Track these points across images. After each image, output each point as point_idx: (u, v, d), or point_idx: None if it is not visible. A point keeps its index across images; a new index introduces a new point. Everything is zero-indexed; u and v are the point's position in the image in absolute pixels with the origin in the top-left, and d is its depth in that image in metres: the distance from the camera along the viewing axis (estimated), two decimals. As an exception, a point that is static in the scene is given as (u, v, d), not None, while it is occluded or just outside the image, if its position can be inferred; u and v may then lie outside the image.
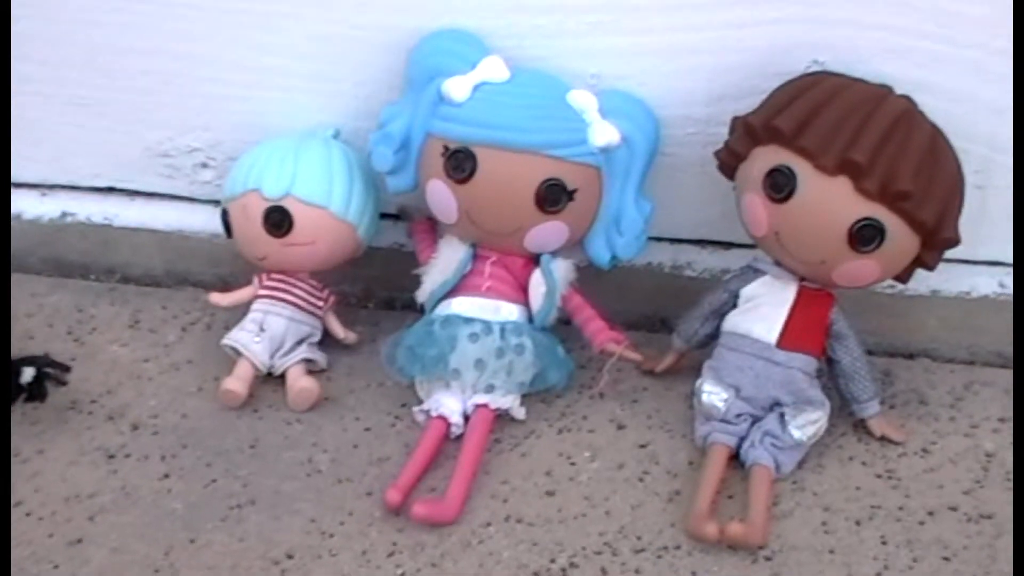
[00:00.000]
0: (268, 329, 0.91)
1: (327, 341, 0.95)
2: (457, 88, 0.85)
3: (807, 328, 0.84)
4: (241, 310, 0.95)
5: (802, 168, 0.78)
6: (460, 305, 0.88)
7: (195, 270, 1.04)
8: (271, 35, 0.95)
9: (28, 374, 0.85)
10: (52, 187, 1.04)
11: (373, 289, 1.02)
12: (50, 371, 0.86)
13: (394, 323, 0.98)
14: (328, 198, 0.90)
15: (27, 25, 0.96)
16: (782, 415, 0.83)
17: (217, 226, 1.00)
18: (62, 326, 0.98)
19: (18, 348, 0.93)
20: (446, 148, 0.85)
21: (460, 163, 0.85)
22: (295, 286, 0.93)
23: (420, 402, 0.89)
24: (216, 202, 1.02)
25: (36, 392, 0.86)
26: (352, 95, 0.96)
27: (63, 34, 0.97)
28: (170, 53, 0.97)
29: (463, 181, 0.85)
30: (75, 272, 1.05)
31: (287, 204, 0.89)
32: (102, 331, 0.98)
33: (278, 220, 0.90)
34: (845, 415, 0.87)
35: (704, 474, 0.81)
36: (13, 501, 0.81)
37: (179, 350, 0.96)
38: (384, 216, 0.97)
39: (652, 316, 0.98)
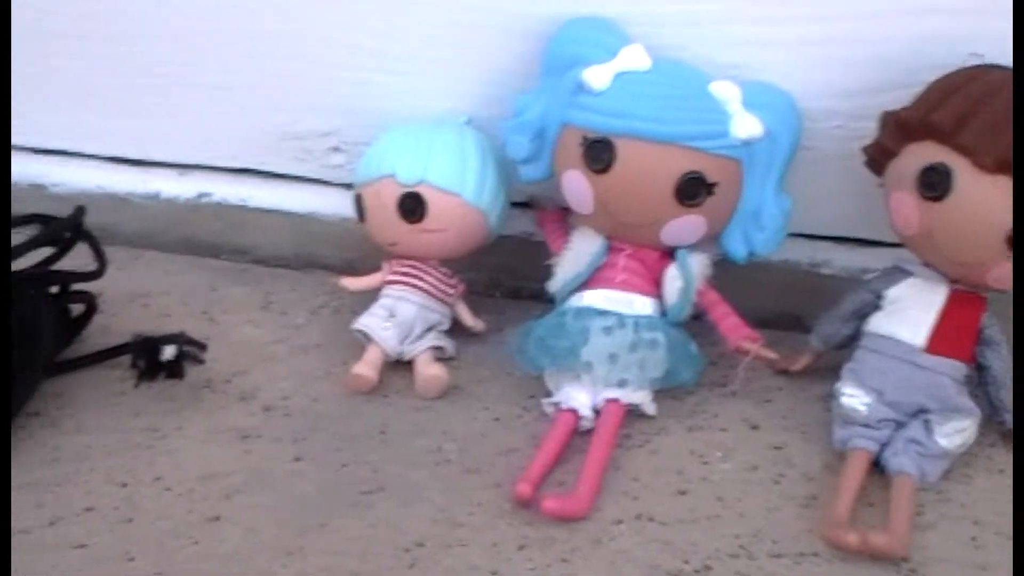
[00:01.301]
0: (398, 315, 0.91)
1: (453, 329, 0.95)
2: (597, 77, 0.84)
3: (957, 332, 0.81)
4: (369, 295, 0.95)
5: (959, 166, 0.75)
6: (593, 297, 0.87)
7: (323, 253, 1.04)
8: (401, 20, 0.95)
9: (169, 352, 0.87)
10: (189, 167, 1.06)
11: (499, 277, 1.02)
12: (188, 349, 0.88)
13: (520, 313, 0.97)
14: (462, 185, 0.90)
15: (170, 12, 0.98)
16: (927, 422, 0.80)
17: (346, 210, 1.01)
18: (196, 305, 1.00)
19: (154, 326, 0.95)
20: (584, 138, 0.84)
21: (598, 153, 0.84)
22: (426, 273, 0.93)
23: (548, 394, 0.88)
24: (346, 186, 1.02)
25: (175, 370, 0.88)
26: (481, 82, 0.96)
27: (204, 20, 0.98)
28: (303, 38, 0.97)
29: (601, 172, 0.84)
30: (207, 252, 1.06)
31: (421, 190, 0.89)
32: (234, 311, 0.99)
33: (412, 206, 0.90)
34: (994, 424, 0.83)
35: (843, 480, 0.78)
36: (153, 475, 0.83)
37: (308, 333, 0.97)
38: (512, 204, 0.96)
39: (786, 314, 0.95)
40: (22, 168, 1.06)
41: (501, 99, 0.94)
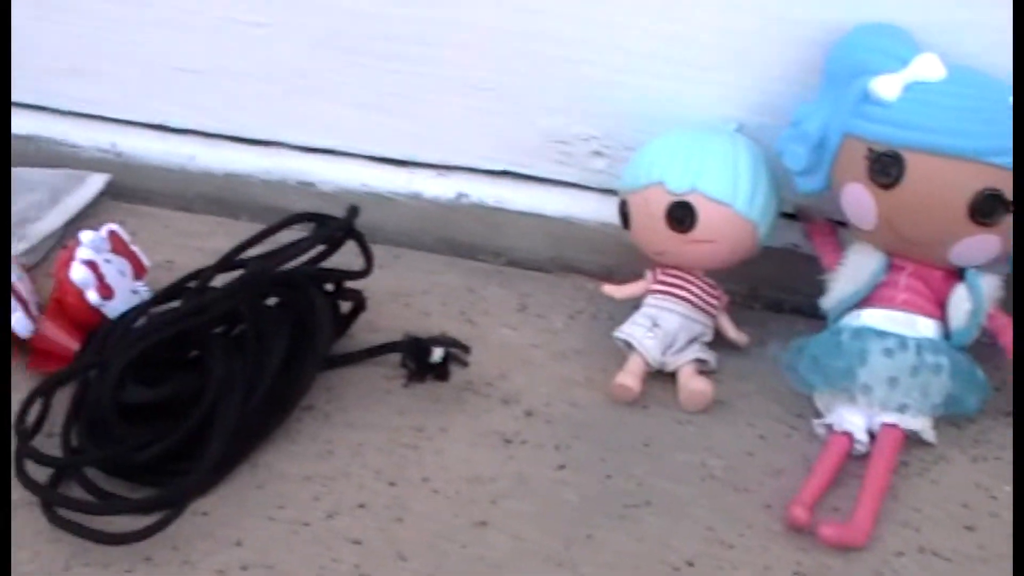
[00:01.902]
0: (661, 325, 0.90)
1: (714, 341, 0.93)
2: (887, 87, 0.80)
3: None
4: (627, 303, 0.94)
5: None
6: (872, 317, 0.84)
7: (580, 258, 1.04)
8: (672, 24, 0.93)
9: (438, 354, 0.88)
10: (450, 168, 1.07)
11: (760, 289, 0.99)
12: (454, 352, 0.89)
13: (783, 326, 0.95)
14: (734, 195, 0.88)
15: (437, 12, 0.99)
16: None
17: (604, 215, 1.00)
18: (455, 306, 1.01)
19: (416, 325, 0.97)
20: (871, 151, 0.81)
21: (886, 167, 0.80)
22: (691, 283, 0.91)
23: (818, 413, 0.85)
24: (606, 191, 1.02)
25: (441, 372, 0.89)
26: (754, 89, 0.93)
27: (472, 22, 0.99)
28: (570, 40, 0.97)
29: (888, 187, 0.80)
30: (465, 252, 1.07)
31: (692, 199, 0.88)
32: (492, 313, 1.00)
33: (681, 216, 0.88)
34: None
35: None
36: (421, 475, 0.84)
37: (566, 338, 0.97)
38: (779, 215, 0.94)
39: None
40: (291, 165, 1.10)
41: (773, 107, 0.91)
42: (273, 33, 1.05)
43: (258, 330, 0.88)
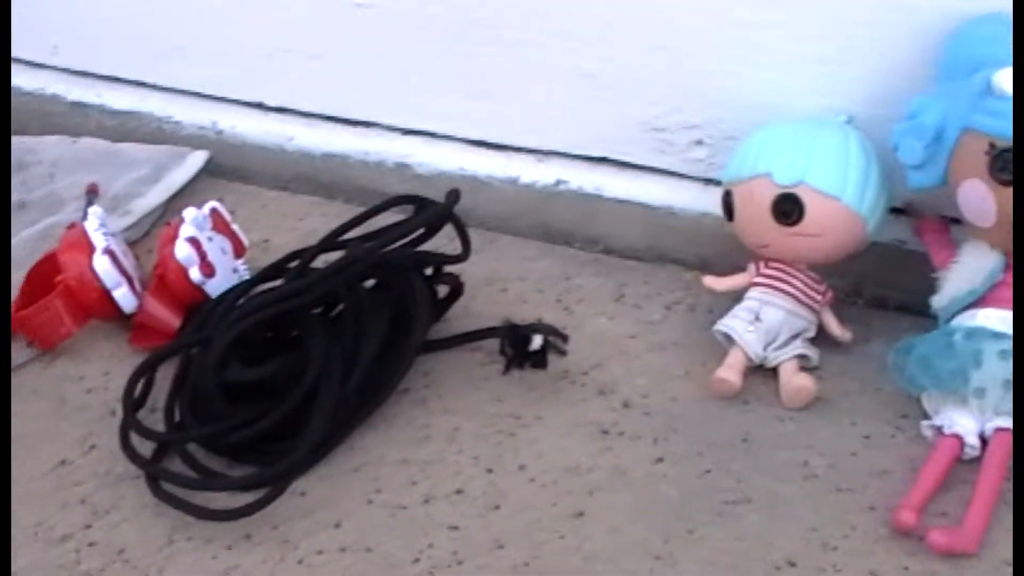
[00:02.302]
0: (764, 320, 0.88)
1: (816, 337, 0.91)
2: (1011, 80, 0.77)
3: None
4: (728, 296, 0.93)
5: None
6: (987, 318, 0.81)
7: (677, 248, 1.03)
8: (776, 12, 0.91)
9: (537, 341, 0.88)
10: (548, 154, 1.06)
11: (863, 285, 0.97)
12: (553, 340, 0.89)
13: (887, 324, 0.92)
14: (843, 189, 0.86)
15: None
16: None
17: (703, 205, 0.99)
18: (551, 293, 1.01)
19: (512, 312, 0.97)
20: (991, 146, 0.78)
21: (1007, 164, 0.77)
22: (794, 277, 0.89)
23: (925, 414, 0.83)
24: (706, 180, 1.00)
25: (539, 360, 0.89)
26: (865, 80, 0.91)
27: (575, 7, 0.98)
28: (675, 27, 0.95)
29: (1009, 183, 0.77)
30: (561, 239, 1.07)
31: (799, 192, 0.86)
32: (588, 302, 0.99)
33: (788, 208, 0.86)
34: None
35: None
36: (517, 463, 0.84)
37: (664, 329, 0.96)
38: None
39: None
40: (388, 147, 1.10)
41: (886, 99, 0.89)
42: (375, 15, 1.05)
43: (357, 312, 0.88)
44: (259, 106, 1.14)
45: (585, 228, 1.06)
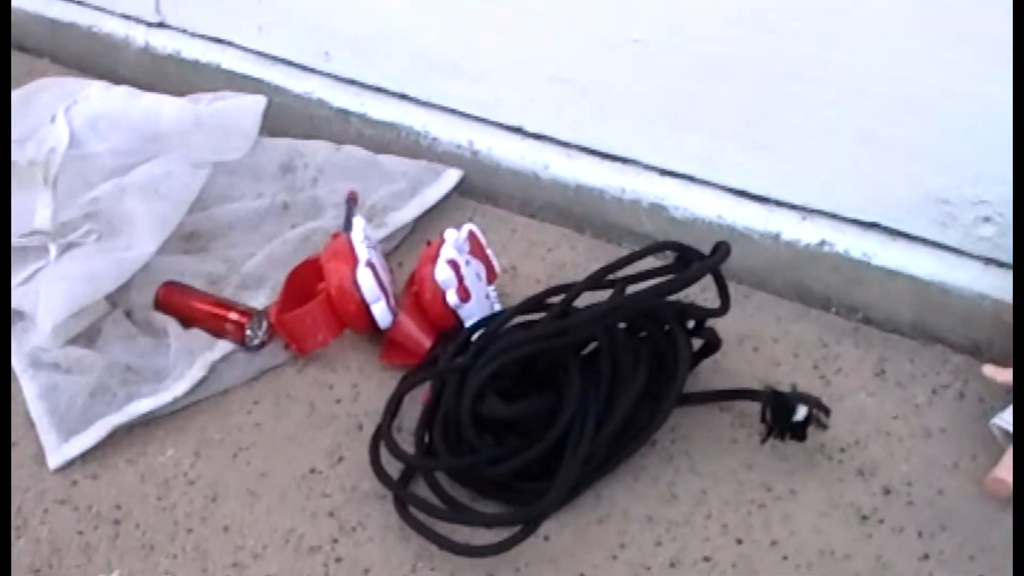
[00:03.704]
0: (1050, 421, 0.82)
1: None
2: None
3: None
4: (1002, 388, 0.87)
5: None
6: None
7: (948, 328, 0.97)
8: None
9: (801, 413, 0.84)
10: (813, 212, 1.02)
11: None
12: (817, 413, 0.84)
13: None
14: None
15: (831, 52, 0.94)
16: None
17: (982, 286, 0.94)
18: (807, 359, 0.96)
19: (765, 374, 0.93)
20: None
21: None
22: (1089, 380, 0.83)
23: None
24: (988, 260, 0.94)
25: (799, 432, 0.85)
26: None
27: (862, 63, 0.93)
28: (978, 97, 0.90)
29: None
30: (818, 303, 1.02)
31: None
32: (847, 373, 0.95)
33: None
34: None
35: None
36: (769, 538, 0.80)
37: (930, 414, 0.90)
38: None
39: None
40: (645, 186, 1.08)
41: None
42: (651, 50, 1.02)
43: (614, 357, 0.86)
44: (518, 130, 1.13)
45: (846, 294, 1.01)
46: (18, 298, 0.94)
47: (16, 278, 0.95)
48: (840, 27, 0.93)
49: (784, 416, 0.85)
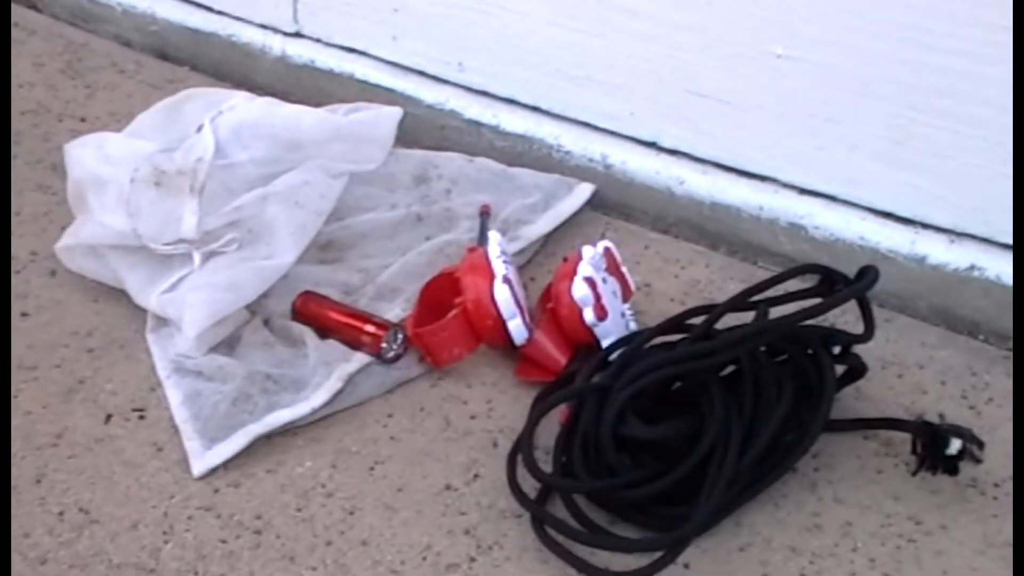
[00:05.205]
0: None
1: None
2: None
3: None
4: None
5: None
6: None
7: (1105, 359, 0.93)
8: None
9: (955, 446, 0.81)
10: (962, 236, 0.98)
11: None
12: (970, 447, 0.81)
13: None
14: None
15: (983, 67, 0.90)
16: None
17: None
18: (955, 387, 0.93)
19: (910, 402, 0.91)
20: None
21: None
22: None
23: None
24: None
25: (952, 466, 0.82)
26: None
27: (1000, 76, 0.90)
28: None
29: None
30: (964, 329, 0.99)
31: None
32: (999, 404, 0.91)
33: None
34: None
35: None
36: (920, 574, 0.78)
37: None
38: None
39: None
40: (784, 205, 1.05)
41: None
42: (795, 67, 1.00)
43: (758, 382, 0.84)
44: (653, 145, 1.12)
45: (996, 321, 0.97)
46: (163, 305, 0.96)
47: (162, 285, 0.97)
48: (995, 43, 0.89)
49: (937, 449, 0.82)
